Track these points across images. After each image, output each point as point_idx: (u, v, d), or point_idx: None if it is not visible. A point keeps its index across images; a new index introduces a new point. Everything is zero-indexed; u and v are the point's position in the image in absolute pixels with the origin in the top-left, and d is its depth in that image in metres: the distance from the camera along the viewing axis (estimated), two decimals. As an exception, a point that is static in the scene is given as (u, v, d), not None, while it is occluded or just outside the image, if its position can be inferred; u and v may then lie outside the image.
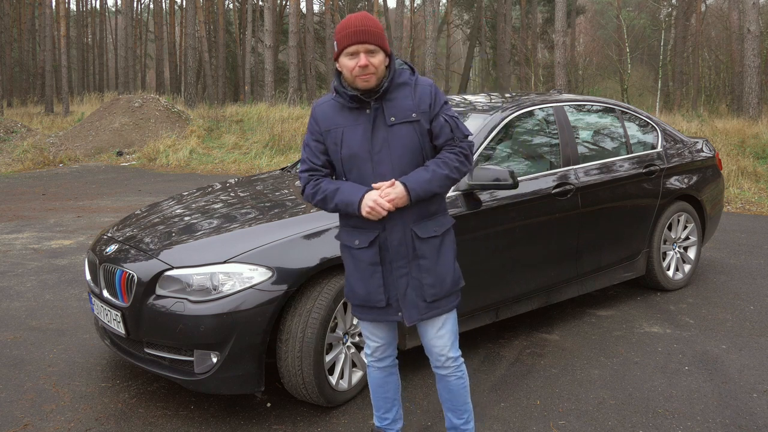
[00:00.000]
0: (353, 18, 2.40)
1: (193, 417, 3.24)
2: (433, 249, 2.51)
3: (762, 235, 7.35)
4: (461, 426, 2.72)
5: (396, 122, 2.45)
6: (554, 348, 4.10)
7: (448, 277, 2.54)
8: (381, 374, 2.74)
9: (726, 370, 3.76)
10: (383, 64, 2.42)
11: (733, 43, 24.71)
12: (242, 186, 4.42)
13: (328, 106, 2.54)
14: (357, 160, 2.47)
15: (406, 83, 2.49)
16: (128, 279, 3.21)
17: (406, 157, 2.46)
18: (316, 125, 2.55)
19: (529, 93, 5.04)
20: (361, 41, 2.36)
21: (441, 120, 2.48)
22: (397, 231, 2.48)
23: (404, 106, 2.46)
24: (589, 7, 43.24)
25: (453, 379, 2.64)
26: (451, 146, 2.49)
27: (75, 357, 3.98)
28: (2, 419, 3.21)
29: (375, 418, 2.83)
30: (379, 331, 2.67)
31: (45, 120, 21.83)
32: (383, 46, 2.40)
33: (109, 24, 49.89)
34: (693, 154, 5.34)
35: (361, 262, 2.54)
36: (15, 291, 5.28)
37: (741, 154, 11.28)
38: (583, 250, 4.39)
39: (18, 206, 9.51)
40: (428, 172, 2.44)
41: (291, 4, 23.25)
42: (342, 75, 2.46)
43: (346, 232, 2.59)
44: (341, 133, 2.49)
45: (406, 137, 2.45)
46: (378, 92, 2.43)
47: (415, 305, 2.52)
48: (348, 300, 2.65)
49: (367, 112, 2.46)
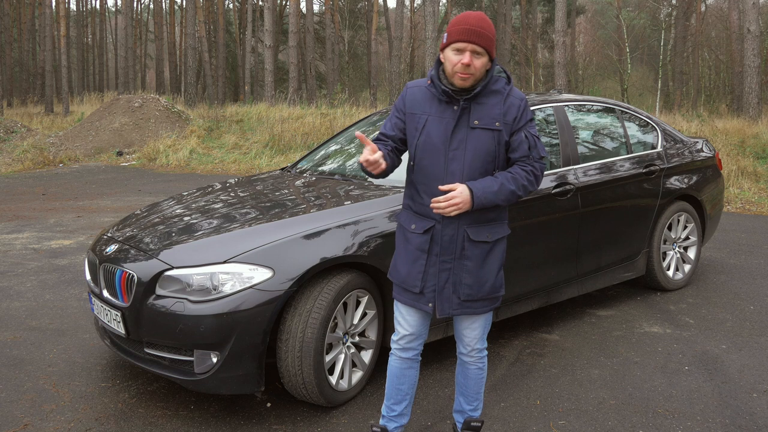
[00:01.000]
0: (471, 16, 2.47)
1: (193, 417, 3.24)
2: (480, 253, 2.58)
3: (762, 235, 7.35)
4: (469, 412, 2.83)
5: (479, 126, 2.51)
6: (554, 348, 4.10)
7: (488, 284, 2.61)
8: (401, 365, 2.76)
9: (726, 370, 3.76)
10: (484, 68, 2.49)
11: (733, 43, 24.71)
12: (242, 186, 4.42)
13: (419, 91, 2.62)
14: (432, 150, 2.54)
15: (499, 91, 2.55)
16: (128, 279, 3.21)
17: (479, 161, 2.52)
18: (402, 105, 2.64)
19: (529, 93, 5.04)
20: (472, 41, 2.43)
21: (522, 135, 2.54)
22: (451, 227, 2.56)
23: (491, 113, 2.52)
24: (589, 7, 43.24)
25: (474, 368, 2.75)
26: (525, 164, 2.55)
27: (75, 357, 3.98)
28: (2, 419, 3.21)
29: (384, 408, 2.84)
30: (412, 319, 2.70)
31: (45, 120, 21.83)
32: (490, 51, 2.47)
33: (109, 24, 49.90)
34: (693, 154, 5.34)
35: (410, 245, 2.62)
36: (15, 291, 5.28)
37: (741, 154, 11.28)
38: (583, 250, 4.40)
39: (18, 206, 9.51)
40: (497, 184, 2.49)
41: (291, 4, 23.25)
42: (442, 66, 2.53)
43: (406, 214, 2.68)
44: (425, 120, 2.56)
45: (484, 142, 2.51)
46: (470, 93, 2.49)
47: (449, 299, 2.60)
48: (390, 277, 2.74)
49: (454, 108, 2.53)
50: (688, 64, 29.37)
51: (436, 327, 3.57)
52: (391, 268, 2.73)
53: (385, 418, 2.84)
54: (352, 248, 3.27)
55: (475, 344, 2.71)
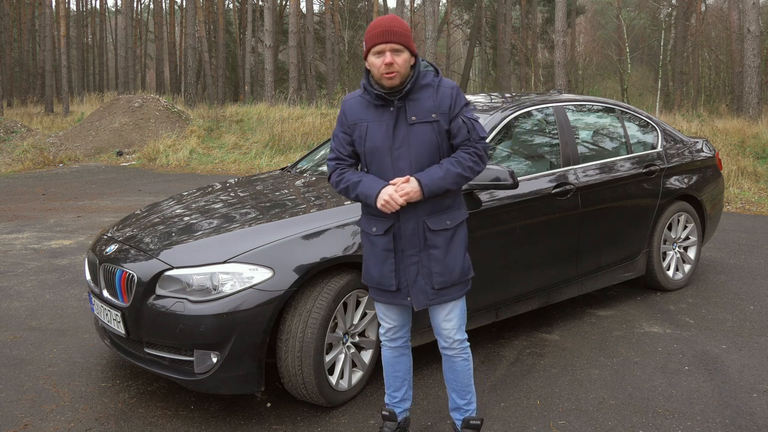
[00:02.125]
0: (382, 19, 2.57)
1: (193, 417, 3.24)
2: (444, 240, 2.65)
3: (762, 235, 7.35)
4: (464, 406, 2.85)
5: (416, 121, 2.59)
6: (554, 348, 4.10)
7: (457, 268, 2.68)
8: (393, 353, 2.88)
9: (726, 370, 3.76)
10: (408, 63, 2.57)
11: (733, 43, 24.70)
12: (242, 186, 4.42)
13: (356, 102, 2.71)
14: (378, 153, 2.63)
15: (430, 84, 2.63)
16: (128, 279, 3.21)
17: (424, 155, 2.60)
18: (344, 118, 2.73)
19: (529, 93, 5.04)
20: (387, 40, 2.52)
21: (459, 121, 2.62)
22: (411, 222, 2.63)
23: (425, 106, 2.60)
24: (589, 7, 43.22)
25: (459, 360, 2.78)
26: (467, 146, 2.63)
27: (75, 357, 3.97)
28: (2, 419, 3.21)
29: (386, 396, 2.95)
30: (392, 314, 2.81)
31: (45, 120, 21.82)
32: (409, 46, 2.56)
33: (109, 24, 49.86)
34: (693, 154, 5.34)
35: (376, 247, 2.70)
36: (15, 291, 5.28)
37: (741, 154, 11.28)
38: (583, 250, 4.39)
39: (18, 206, 9.51)
40: (442, 170, 2.58)
41: (291, 4, 23.25)
42: (371, 73, 2.61)
43: (366, 219, 2.77)
44: (366, 127, 2.65)
45: (424, 136, 2.60)
46: (401, 92, 2.56)
47: (423, 291, 2.67)
48: (364, 282, 2.81)
49: (390, 110, 2.62)
50: (688, 64, 29.35)
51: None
52: (364, 272, 2.79)
53: (389, 406, 2.93)
54: (352, 248, 3.27)
55: (455, 335, 2.75)
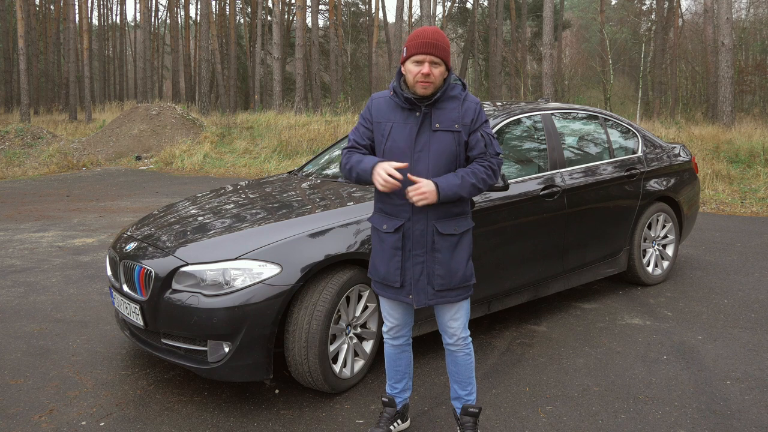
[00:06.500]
0: (427, 30, 2.52)
1: (206, 402, 3.25)
2: (449, 245, 2.62)
3: (735, 233, 7.35)
4: (465, 396, 2.83)
5: (440, 129, 2.56)
6: (542, 339, 4.09)
7: (459, 273, 2.64)
8: (394, 350, 2.86)
9: (701, 359, 3.76)
10: (443, 76, 2.54)
11: (709, 56, 24.67)
12: (252, 188, 4.42)
13: (383, 101, 2.66)
14: (399, 153, 2.58)
15: (456, 97, 2.61)
16: (146, 274, 3.21)
17: (442, 161, 2.57)
18: (369, 114, 2.68)
19: (519, 102, 5.04)
20: (429, 52, 2.48)
21: (478, 135, 2.60)
22: (421, 223, 2.60)
23: (450, 116, 2.57)
24: (575, 21, 43.20)
25: (461, 355, 2.77)
26: (482, 160, 2.61)
27: (97, 347, 3.98)
28: (30, 404, 3.22)
29: (387, 386, 2.94)
30: (396, 312, 2.77)
31: (69, 127, 21.80)
32: (447, 61, 2.52)
33: (129, 37, 49.86)
34: (671, 158, 5.34)
35: (385, 244, 2.66)
36: (41, 286, 5.28)
37: (716, 159, 11.28)
38: (568, 248, 4.39)
39: (44, 207, 9.51)
40: (458, 178, 2.54)
41: (297, 19, 23.23)
42: (403, 77, 2.59)
43: (378, 216, 2.71)
44: (390, 127, 2.61)
45: (445, 143, 2.56)
46: (431, 100, 2.53)
47: (424, 290, 2.64)
48: (370, 276, 2.77)
49: (416, 114, 2.58)
50: (666, 74, 29.32)
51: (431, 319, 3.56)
52: (371, 267, 2.76)
53: (389, 394, 2.92)
54: (354, 246, 3.27)
55: (460, 333, 2.73)
